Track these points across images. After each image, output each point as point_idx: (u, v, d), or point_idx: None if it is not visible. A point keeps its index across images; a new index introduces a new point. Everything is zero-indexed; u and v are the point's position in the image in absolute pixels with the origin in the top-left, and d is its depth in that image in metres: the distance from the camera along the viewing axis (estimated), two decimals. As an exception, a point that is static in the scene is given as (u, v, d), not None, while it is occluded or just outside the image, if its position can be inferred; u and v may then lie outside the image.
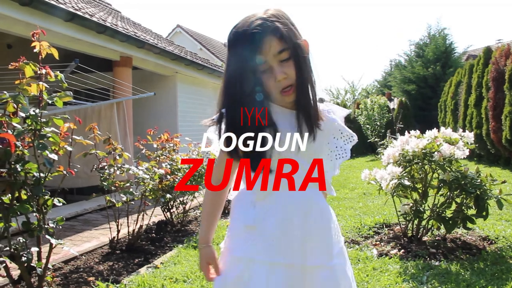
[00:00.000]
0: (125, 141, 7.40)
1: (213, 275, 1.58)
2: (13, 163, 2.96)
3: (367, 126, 17.08)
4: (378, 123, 16.77)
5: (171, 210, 5.53)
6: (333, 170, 1.66)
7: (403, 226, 4.61)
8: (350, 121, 17.76)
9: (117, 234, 4.49)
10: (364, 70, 64.51)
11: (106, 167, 4.28)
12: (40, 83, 3.06)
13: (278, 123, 1.47)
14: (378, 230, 4.96)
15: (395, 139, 5.34)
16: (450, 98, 14.24)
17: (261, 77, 1.42)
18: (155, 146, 5.28)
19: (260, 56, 1.39)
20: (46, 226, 3.22)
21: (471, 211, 4.14)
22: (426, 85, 20.84)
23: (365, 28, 77.80)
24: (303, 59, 1.45)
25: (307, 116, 1.48)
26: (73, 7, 6.58)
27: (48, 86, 3.13)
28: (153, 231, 5.28)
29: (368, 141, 16.74)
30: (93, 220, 6.21)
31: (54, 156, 3.07)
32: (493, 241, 4.39)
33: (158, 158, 5.01)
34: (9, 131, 2.83)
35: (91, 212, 6.71)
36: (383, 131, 16.36)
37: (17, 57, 3.10)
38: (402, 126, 14.85)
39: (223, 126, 1.48)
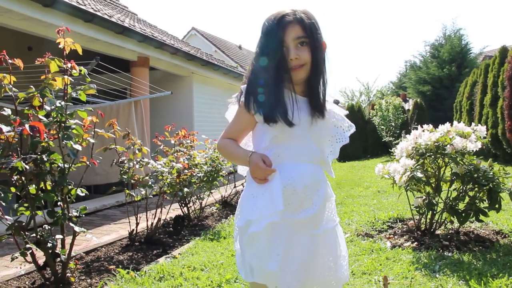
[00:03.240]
0: (142, 139, 7.56)
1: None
2: (39, 153, 3.10)
3: (382, 127, 17.06)
4: (393, 124, 16.74)
5: (188, 205, 5.65)
6: (333, 155, 1.94)
7: (417, 220, 4.67)
8: (365, 122, 17.77)
9: (136, 227, 4.62)
10: (379, 71, 64.32)
11: (125, 161, 4.41)
12: (65, 76, 3.19)
13: (288, 105, 1.75)
14: (392, 225, 5.02)
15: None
16: (465, 99, 14.19)
17: (280, 54, 1.70)
18: (172, 142, 5.41)
19: (283, 36, 1.70)
20: (70, 215, 3.36)
21: (484, 204, 4.19)
22: (441, 85, 20.77)
23: (380, 29, 77.51)
24: (318, 50, 1.75)
25: (315, 103, 1.79)
26: (92, 8, 6.76)
27: (72, 80, 3.27)
28: (171, 226, 5.40)
29: (383, 140, 16.74)
30: (111, 215, 6.36)
31: (78, 147, 3.21)
32: (506, 235, 4.42)
33: (176, 154, 5.13)
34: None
35: (109, 208, 6.87)
36: (398, 131, 16.34)
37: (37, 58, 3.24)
38: (417, 126, 14.79)
39: (242, 95, 1.80)
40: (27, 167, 2.88)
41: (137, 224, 4.62)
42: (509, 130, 10.34)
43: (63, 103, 3.16)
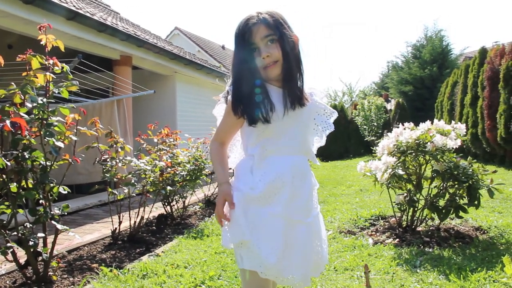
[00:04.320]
0: (125, 138, 7.52)
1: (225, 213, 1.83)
2: (20, 151, 3.07)
3: (364, 126, 17.20)
4: (375, 124, 16.89)
5: (171, 204, 5.64)
6: (318, 142, 2.04)
7: (398, 217, 4.73)
8: (348, 122, 17.89)
9: (119, 225, 4.60)
10: (362, 72, 64.68)
11: (108, 160, 4.39)
12: (47, 73, 3.17)
13: (266, 104, 1.81)
14: (374, 222, 5.08)
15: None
16: (446, 99, 14.38)
17: (253, 57, 1.80)
18: (155, 140, 5.39)
19: (251, 39, 1.79)
20: (52, 213, 3.33)
21: (464, 201, 4.26)
22: (423, 86, 21.01)
23: (363, 30, 78.05)
24: (288, 44, 1.81)
25: (292, 94, 1.84)
26: (74, 6, 6.70)
27: (54, 77, 3.25)
28: (154, 224, 5.39)
29: (365, 139, 16.88)
30: (94, 214, 6.31)
31: (60, 144, 3.19)
32: (485, 231, 4.50)
33: (159, 152, 5.12)
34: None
35: (92, 207, 6.82)
36: (380, 131, 16.49)
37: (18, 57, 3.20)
38: (399, 126, 14.95)
39: (229, 95, 1.85)
40: (9, 163, 2.85)
41: (120, 222, 4.59)
42: (489, 130, 10.51)
43: (45, 100, 3.14)
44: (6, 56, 3.54)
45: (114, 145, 4.48)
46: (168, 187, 4.93)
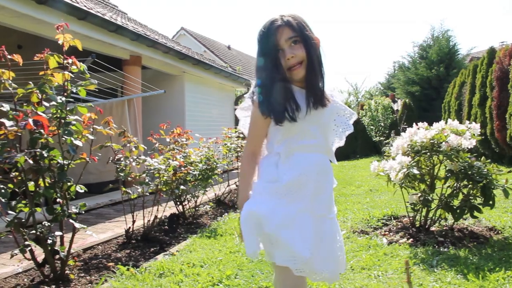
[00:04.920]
0: (135, 137, 7.53)
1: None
2: (38, 149, 3.09)
3: (371, 127, 17.14)
4: (382, 124, 16.84)
5: (183, 204, 5.65)
6: (338, 143, 2.08)
7: (411, 217, 4.72)
8: (355, 122, 17.80)
9: (133, 224, 4.61)
10: (368, 72, 64.44)
11: (122, 159, 4.40)
12: (66, 72, 3.19)
13: (291, 103, 1.84)
14: (387, 222, 5.07)
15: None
16: (454, 99, 14.33)
17: (279, 58, 1.83)
18: (167, 140, 5.41)
19: (276, 41, 1.83)
20: (69, 211, 3.35)
21: (478, 201, 4.26)
22: (430, 86, 20.92)
23: (369, 31, 77.89)
24: (311, 46, 1.86)
25: (315, 94, 1.87)
26: (85, 6, 6.72)
27: (72, 76, 3.26)
28: (166, 224, 5.39)
29: (374, 140, 16.84)
30: (105, 214, 6.34)
31: (78, 143, 3.20)
32: (499, 231, 4.49)
33: (171, 152, 5.13)
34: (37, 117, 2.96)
35: (103, 206, 6.85)
36: (387, 132, 16.44)
37: (27, 57, 3.21)
38: (407, 126, 14.91)
39: (255, 96, 1.88)
40: (31, 161, 2.86)
41: (134, 221, 4.61)
42: (498, 130, 10.47)
43: (63, 99, 3.16)
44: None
45: (128, 145, 4.50)
46: (181, 186, 4.94)
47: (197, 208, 5.93)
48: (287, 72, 1.85)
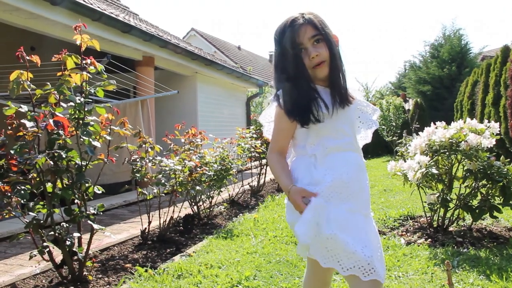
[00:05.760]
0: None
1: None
2: (57, 150, 3.08)
3: (383, 127, 17.06)
4: (394, 124, 16.75)
5: (198, 204, 5.64)
6: (364, 140, 2.08)
7: (429, 217, 4.67)
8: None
9: (149, 225, 4.61)
10: (378, 72, 64.25)
11: (138, 160, 4.39)
12: (84, 73, 3.18)
13: (316, 104, 1.81)
14: (403, 222, 5.02)
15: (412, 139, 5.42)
16: (466, 98, 14.20)
17: (302, 58, 1.80)
18: (182, 140, 5.40)
19: (298, 39, 1.78)
20: (87, 212, 3.34)
21: (497, 201, 4.20)
22: (442, 85, 20.76)
23: (380, 30, 77.56)
24: (333, 43, 1.83)
25: (339, 93, 1.85)
26: (99, 7, 6.74)
27: (91, 76, 3.26)
28: (181, 224, 5.38)
29: (386, 140, 16.74)
30: (120, 214, 6.34)
31: (97, 144, 3.19)
32: (519, 231, 4.43)
33: (187, 152, 5.12)
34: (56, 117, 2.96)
35: (117, 207, 6.85)
36: (399, 131, 16.35)
37: (40, 59, 3.19)
38: (419, 126, 14.82)
39: (281, 101, 1.83)
40: (52, 162, 2.86)
41: (149, 222, 4.60)
42: (513, 129, 10.35)
43: (82, 99, 3.15)
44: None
45: (143, 145, 4.49)
46: (197, 187, 4.92)
47: (211, 209, 5.92)
48: (310, 71, 1.82)
